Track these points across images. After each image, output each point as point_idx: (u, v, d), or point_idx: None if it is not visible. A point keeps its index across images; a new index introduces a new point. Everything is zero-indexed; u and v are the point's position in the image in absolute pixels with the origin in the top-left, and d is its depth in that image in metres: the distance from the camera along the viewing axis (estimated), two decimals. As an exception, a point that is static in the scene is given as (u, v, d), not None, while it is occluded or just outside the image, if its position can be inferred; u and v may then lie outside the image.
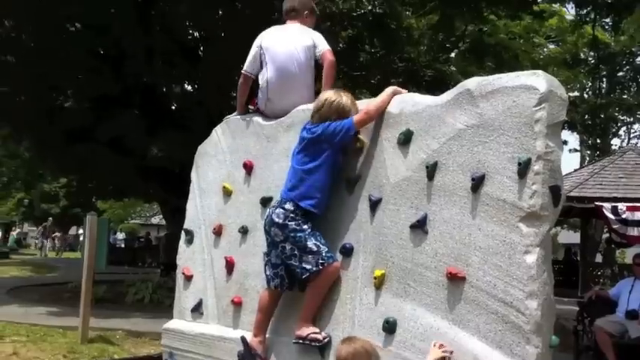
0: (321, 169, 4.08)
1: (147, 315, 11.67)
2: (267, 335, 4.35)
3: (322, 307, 4.13)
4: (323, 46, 4.77)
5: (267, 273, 4.26)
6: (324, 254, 3.98)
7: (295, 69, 4.79)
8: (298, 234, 4.01)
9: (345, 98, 4.17)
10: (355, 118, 4.07)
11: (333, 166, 4.14)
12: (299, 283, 4.14)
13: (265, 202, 4.68)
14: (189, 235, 5.27)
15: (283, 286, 4.22)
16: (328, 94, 4.24)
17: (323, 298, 4.10)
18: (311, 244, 3.99)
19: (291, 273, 4.15)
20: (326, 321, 4.10)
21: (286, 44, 4.86)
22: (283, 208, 4.07)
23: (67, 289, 15.13)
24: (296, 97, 4.75)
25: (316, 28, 5.12)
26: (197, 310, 5.03)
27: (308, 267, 3.97)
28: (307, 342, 4.02)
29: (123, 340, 8.96)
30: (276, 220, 4.06)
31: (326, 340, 3.99)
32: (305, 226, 4.04)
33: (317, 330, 4.04)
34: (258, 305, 4.32)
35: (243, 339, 4.30)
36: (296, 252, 4.01)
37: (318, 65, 4.81)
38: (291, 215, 4.04)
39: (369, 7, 17.08)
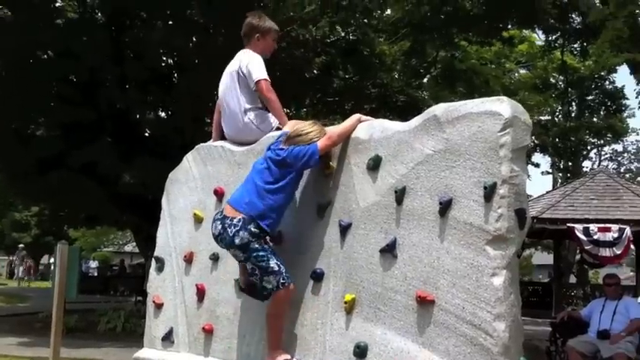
0: (282, 191, 4.08)
1: (119, 344, 11.52)
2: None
3: (292, 333, 4.13)
4: (255, 76, 4.69)
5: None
6: (284, 274, 3.97)
7: (230, 98, 4.89)
8: (260, 253, 3.98)
9: (314, 132, 4.16)
10: (319, 143, 4.08)
11: (292, 189, 4.17)
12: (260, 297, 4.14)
13: (236, 228, 4.67)
14: (160, 262, 5.24)
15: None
16: (304, 125, 4.25)
17: (283, 319, 4.09)
18: (273, 263, 3.97)
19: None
20: (297, 346, 4.09)
21: (225, 75, 4.99)
22: (247, 230, 3.99)
23: (37, 318, 14.90)
24: (236, 124, 4.86)
25: (290, 54, 5.13)
26: (168, 338, 4.98)
27: (269, 286, 3.96)
28: None
29: (95, 370, 8.83)
30: (238, 242, 4.00)
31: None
32: (266, 246, 4.05)
33: (288, 356, 4.03)
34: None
35: (242, 288, 4.34)
36: (257, 272, 3.99)
37: None
38: (255, 238, 4.00)
39: (343, 34, 17.26)
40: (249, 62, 4.77)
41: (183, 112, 14.88)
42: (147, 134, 17.22)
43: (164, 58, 16.42)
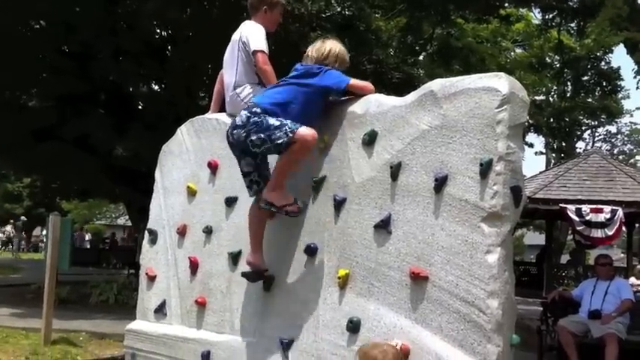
0: (298, 97, 4.06)
1: (111, 316, 11.52)
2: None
3: (285, 307, 4.13)
4: (253, 47, 4.65)
5: (245, 184, 4.26)
6: (289, 124, 3.91)
7: (226, 68, 4.88)
8: (259, 121, 3.95)
9: (344, 50, 4.29)
10: (353, 80, 4.11)
11: (308, 103, 4.08)
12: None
13: (230, 202, 4.66)
14: (153, 235, 5.23)
15: (259, 191, 4.18)
16: (331, 47, 4.27)
17: (296, 166, 4.08)
18: (272, 121, 3.94)
19: (266, 176, 4.18)
20: (290, 320, 4.09)
21: (229, 45, 4.93)
22: (248, 111, 4.03)
23: (29, 290, 14.89)
24: (228, 95, 4.84)
25: (285, 28, 5.07)
26: (160, 310, 4.99)
27: (280, 141, 3.90)
28: (281, 212, 4.04)
29: (86, 341, 8.83)
30: (238, 122, 4.03)
31: (301, 208, 4.06)
32: (264, 116, 3.98)
33: (291, 200, 4.05)
34: (250, 222, 4.26)
35: (244, 273, 4.26)
36: (262, 136, 3.94)
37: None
38: (254, 114, 3.99)
39: (338, 9, 17.09)
40: (250, 33, 4.71)
41: (177, 84, 14.75)
42: (140, 107, 17.10)
43: (158, 30, 16.26)
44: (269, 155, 4.23)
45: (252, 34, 4.70)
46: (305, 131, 3.90)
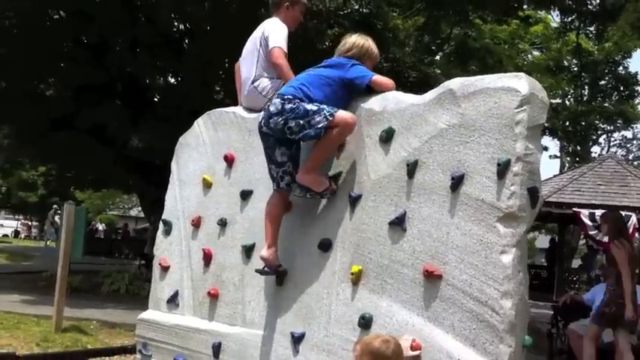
0: (323, 88, 4.10)
1: (122, 306, 11.59)
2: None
3: (298, 301, 4.14)
4: (272, 43, 4.68)
5: (273, 175, 4.24)
6: (326, 108, 3.96)
7: (245, 63, 4.91)
8: (295, 107, 4.00)
9: (372, 44, 4.33)
10: (377, 77, 4.14)
11: (333, 95, 4.12)
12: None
13: (245, 195, 4.67)
14: (168, 225, 5.25)
15: (292, 183, 4.20)
16: (356, 39, 4.32)
17: (333, 149, 4.11)
18: (310, 106, 3.99)
19: (298, 168, 4.18)
20: (302, 315, 4.10)
21: (249, 41, 4.95)
22: (280, 98, 4.08)
23: (42, 277, 14.99)
24: (244, 90, 4.87)
25: (303, 25, 5.08)
26: (173, 301, 5.01)
27: (320, 125, 3.93)
28: (319, 196, 4.08)
29: (97, 330, 8.88)
30: (273, 109, 4.06)
31: (334, 189, 4.08)
32: (298, 102, 4.02)
33: (327, 183, 4.08)
34: (268, 216, 4.22)
35: (257, 270, 4.25)
36: (301, 122, 3.98)
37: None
38: (288, 101, 4.03)
39: (356, 6, 17.08)
40: (272, 30, 4.74)
41: (193, 78, 14.80)
42: (156, 99, 17.17)
43: (176, 24, 16.31)
44: (304, 143, 4.23)
45: (273, 31, 4.73)
46: (344, 114, 3.97)
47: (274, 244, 4.18)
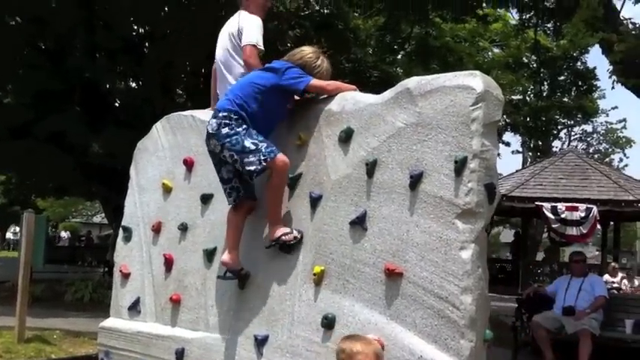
0: (257, 97, 4.06)
1: (86, 314, 11.43)
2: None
3: (261, 303, 4.12)
4: (244, 40, 4.65)
5: (224, 191, 4.21)
6: (263, 150, 3.92)
7: (226, 62, 4.85)
8: (233, 137, 3.94)
9: (319, 62, 4.25)
10: (314, 80, 4.10)
11: (269, 103, 4.09)
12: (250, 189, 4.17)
13: (206, 199, 4.64)
14: (127, 232, 5.19)
15: (240, 197, 4.16)
16: (307, 51, 4.29)
17: (282, 195, 4.06)
18: (248, 143, 3.92)
19: (246, 183, 4.16)
20: (265, 317, 4.09)
21: (222, 36, 4.91)
22: (216, 117, 4.02)
23: (3, 287, 14.71)
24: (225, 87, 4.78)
25: (264, 27, 5.03)
26: (134, 308, 4.96)
27: (252, 168, 3.91)
28: (280, 243, 4.01)
29: (61, 339, 8.73)
30: (210, 130, 4.02)
31: (297, 237, 3.99)
32: (239, 129, 3.96)
33: (287, 230, 4.02)
34: (229, 223, 4.20)
35: (220, 276, 4.24)
36: (236, 156, 3.95)
37: None
38: (225, 122, 3.98)
39: (317, 7, 17.10)
40: (247, 25, 4.70)
41: (153, 82, 14.67)
42: (117, 104, 16.98)
43: (135, 27, 16.14)
44: None
45: (248, 26, 4.69)
46: (278, 161, 3.92)
47: (235, 248, 4.15)
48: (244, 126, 3.99)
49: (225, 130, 3.95)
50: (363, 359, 3.17)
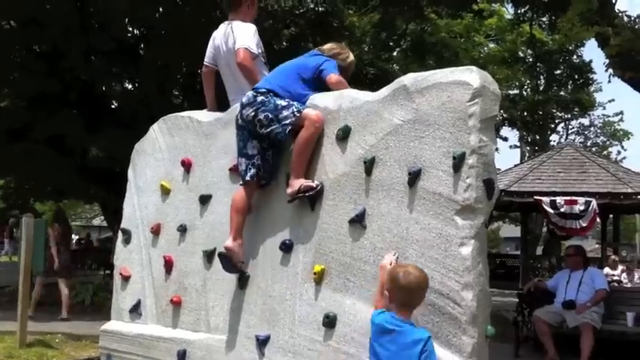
0: (298, 80, 4.24)
1: (87, 317, 11.42)
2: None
3: (262, 304, 4.11)
4: (237, 44, 4.66)
5: (242, 168, 4.21)
6: (296, 105, 4.07)
7: (231, 69, 4.83)
8: (266, 100, 4.09)
9: (345, 54, 4.56)
10: (336, 76, 4.22)
11: (308, 87, 4.24)
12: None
13: (204, 199, 4.63)
14: (127, 234, 5.19)
15: (259, 176, 4.18)
16: (338, 47, 4.64)
17: (310, 150, 4.05)
18: (280, 101, 4.09)
19: (266, 164, 4.18)
20: (266, 317, 4.08)
21: (218, 36, 4.92)
22: (254, 90, 4.18)
23: (4, 293, 14.69)
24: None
25: (258, 25, 5.02)
26: (135, 310, 4.95)
27: (287, 121, 4.02)
28: (301, 194, 3.99)
29: (62, 343, 8.73)
30: (245, 101, 4.16)
31: (318, 187, 3.97)
32: (271, 95, 4.12)
33: (308, 180, 4.02)
34: (233, 207, 4.18)
35: (220, 254, 4.21)
36: (270, 115, 4.06)
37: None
38: (260, 94, 4.13)
39: (312, 5, 17.07)
40: (239, 33, 4.71)
41: (150, 83, 14.63)
42: (113, 106, 16.95)
43: (130, 29, 16.11)
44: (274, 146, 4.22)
45: (239, 33, 4.70)
46: (311, 111, 4.03)
47: (240, 236, 4.14)
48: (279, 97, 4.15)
49: (260, 98, 4.11)
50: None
